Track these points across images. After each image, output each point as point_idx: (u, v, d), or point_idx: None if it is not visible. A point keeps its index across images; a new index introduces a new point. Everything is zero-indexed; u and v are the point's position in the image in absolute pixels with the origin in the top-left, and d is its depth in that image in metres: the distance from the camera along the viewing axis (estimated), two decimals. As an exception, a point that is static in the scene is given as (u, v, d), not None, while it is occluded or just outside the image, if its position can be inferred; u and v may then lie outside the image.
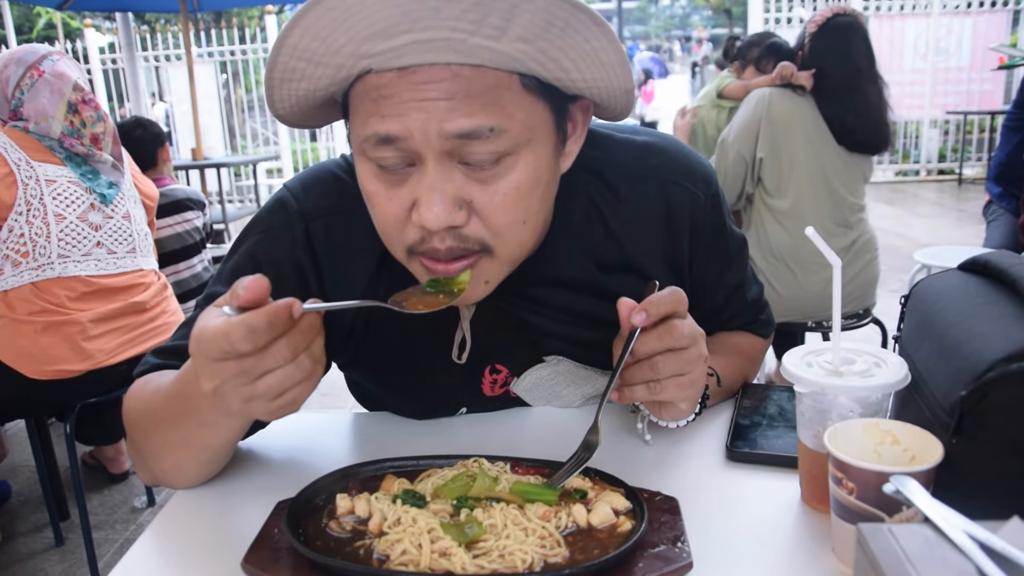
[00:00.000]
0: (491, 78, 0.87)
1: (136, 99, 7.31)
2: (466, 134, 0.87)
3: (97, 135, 2.58)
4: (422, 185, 0.90)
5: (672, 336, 0.93)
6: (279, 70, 0.90)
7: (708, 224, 1.17)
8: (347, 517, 0.86)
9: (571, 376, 1.19)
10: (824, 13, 2.91)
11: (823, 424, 0.85)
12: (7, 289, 2.41)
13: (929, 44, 10.13)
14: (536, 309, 1.14)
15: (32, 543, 2.95)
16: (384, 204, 0.94)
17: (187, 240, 3.48)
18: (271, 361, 0.78)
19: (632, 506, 0.86)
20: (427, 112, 0.86)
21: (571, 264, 1.12)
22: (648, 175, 1.14)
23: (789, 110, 2.91)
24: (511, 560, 0.77)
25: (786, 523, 0.89)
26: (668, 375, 0.93)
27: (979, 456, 0.77)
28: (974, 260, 0.97)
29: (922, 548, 0.59)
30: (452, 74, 0.86)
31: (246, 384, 0.79)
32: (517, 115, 0.90)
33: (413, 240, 0.94)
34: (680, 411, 0.99)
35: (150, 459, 1.05)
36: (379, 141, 0.89)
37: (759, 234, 3.00)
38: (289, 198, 1.13)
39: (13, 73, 2.49)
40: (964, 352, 0.80)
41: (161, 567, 0.87)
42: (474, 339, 1.13)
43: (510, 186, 0.92)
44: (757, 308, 1.32)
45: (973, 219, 7.83)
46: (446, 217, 0.89)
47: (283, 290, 1.09)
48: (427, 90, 0.86)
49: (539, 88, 0.92)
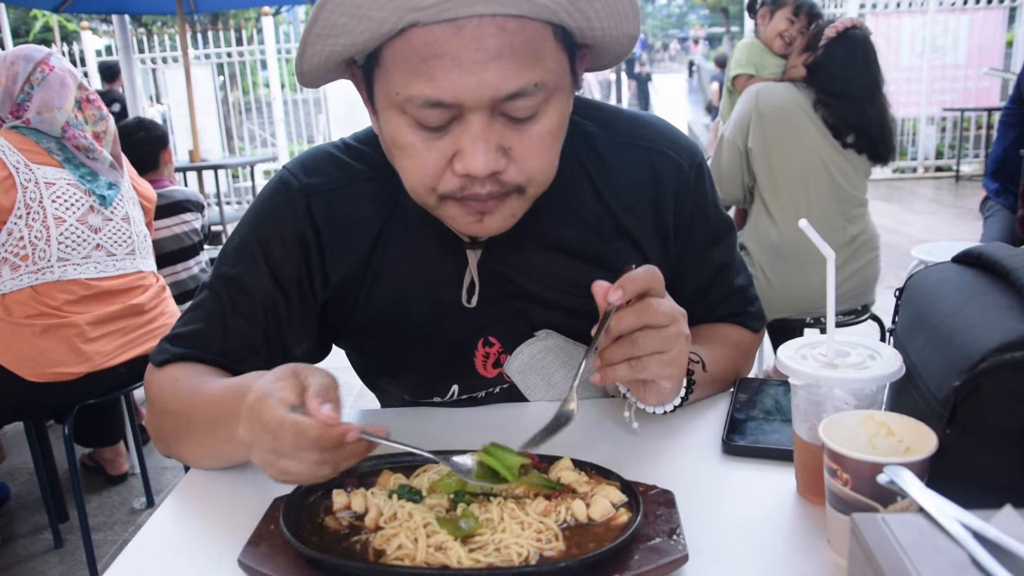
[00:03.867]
0: (531, 30, 0.91)
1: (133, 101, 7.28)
2: (516, 93, 0.91)
3: (98, 133, 2.59)
4: (466, 136, 0.94)
5: (649, 313, 0.94)
6: (320, 25, 0.90)
7: (691, 194, 1.20)
8: (343, 512, 0.86)
9: (562, 355, 1.20)
10: (844, 22, 2.94)
11: (818, 416, 0.85)
12: (5, 293, 2.40)
13: (926, 41, 10.14)
14: (526, 272, 1.16)
15: (31, 545, 2.95)
16: (422, 155, 0.97)
17: (185, 242, 3.48)
18: (298, 461, 0.82)
19: (628, 499, 0.86)
20: (478, 76, 0.89)
21: (561, 227, 1.15)
22: (635, 144, 1.18)
23: (779, 103, 2.93)
24: (507, 554, 0.77)
25: (782, 515, 0.89)
26: (648, 351, 0.94)
27: (973, 446, 0.77)
28: (968, 252, 0.97)
29: (916, 537, 0.59)
30: (498, 28, 0.88)
31: (272, 458, 0.84)
32: (552, 66, 0.95)
33: (452, 188, 0.99)
34: (664, 392, 0.99)
35: (173, 443, 1.11)
36: (426, 103, 0.92)
37: (757, 229, 3.01)
38: (289, 177, 1.17)
39: (22, 69, 2.47)
40: (958, 343, 0.80)
41: (159, 563, 0.87)
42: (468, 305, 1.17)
43: (544, 131, 0.97)
44: (746, 299, 1.32)
45: (970, 215, 7.84)
46: (492, 164, 0.94)
47: (288, 264, 1.15)
48: (477, 49, 0.88)
49: (564, 38, 0.96)
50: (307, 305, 1.17)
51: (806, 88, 2.94)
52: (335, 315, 1.19)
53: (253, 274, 1.14)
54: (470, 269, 1.15)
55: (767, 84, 3.05)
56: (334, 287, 1.17)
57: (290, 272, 1.15)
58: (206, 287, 1.17)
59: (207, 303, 1.16)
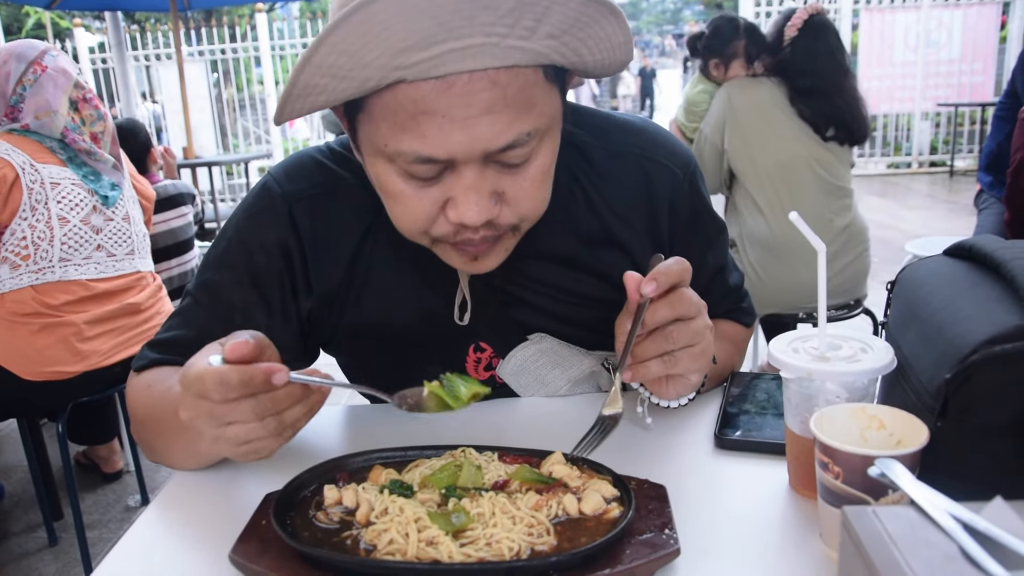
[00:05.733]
0: (522, 77, 0.88)
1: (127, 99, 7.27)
2: (509, 145, 0.90)
3: (96, 134, 2.55)
4: (459, 186, 0.92)
5: (683, 304, 0.94)
6: (300, 86, 0.86)
7: (687, 203, 1.19)
8: (335, 508, 0.86)
9: (555, 357, 1.20)
10: (800, 15, 2.92)
11: (810, 410, 0.85)
12: (4, 292, 2.38)
13: (919, 37, 10.16)
14: (518, 281, 1.16)
15: (26, 543, 2.94)
16: (413, 203, 0.95)
17: (179, 236, 3.48)
18: (237, 415, 0.83)
19: (620, 494, 0.86)
20: (470, 132, 0.87)
21: (554, 237, 1.14)
22: (628, 152, 1.17)
23: (752, 100, 2.95)
24: (498, 548, 0.76)
25: (774, 509, 0.89)
26: (681, 345, 0.94)
27: (964, 438, 0.77)
28: (959, 245, 0.97)
29: (906, 530, 0.59)
30: (489, 82, 0.86)
31: (216, 427, 0.85)
32: (544, 109, 0.92)
33: (444, 232, 0.97)
34: (688, 385, 1.00)
35: (153, 448, 1.12)
36: (416, 160, 0.90)
37: (742, 226, 3.01)
38: (272, 183, 1.16)
39: (14, 69, 2.42)
40: (949, 336, 0.80)
41: (150, 559, 0.86)
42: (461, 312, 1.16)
43: (537, 172, 0.96)
44: (738, 296, 1.34)
45: (965, 210, 7.86)
46: (486, 213, 0.93)
47: (270, 272, 1.13)
48: (467, 105, 0.86)
49: (554, 74, 0.94)
50: (289, 312, 1.15)
51: (780, 84, 2.94)
52: (320, 322, 1.18)
53: (234, 281, 1.13)
54: (462, 287, 1.14)
55: (739, 81, 3.06)
56: (318, 294, 1.15)
57: (271, 279, 1.13)
58: (188, 294, 1.17)
59: (188, 310, 1.16)
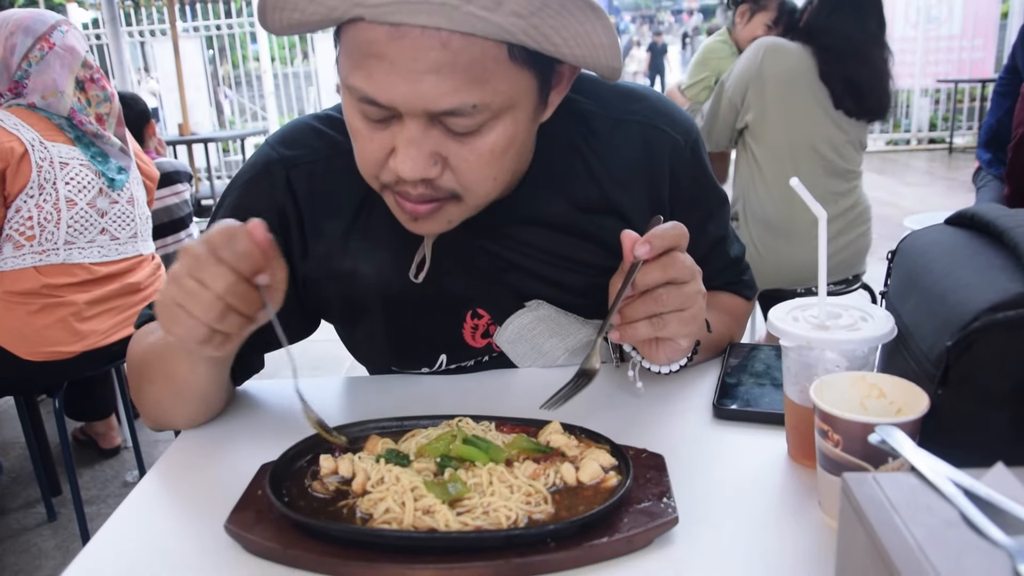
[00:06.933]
0: (479, 48, 0.87)
1: (121, 75, 7.19)
2: (450, 111, 0.89)
3: (102, 115, 2.51)
4: (401, 137, 0.92)
5: (675, 267, 0.94)
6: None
7: (688, 171, 1.19)
8: (331, 477, 0.85)
9: (552, 325, 1.20)
10: None
11: (809, 379, 0.85)
12: (5, 271, 2.35)
13: (920, 12, 10.09)
14: (514, 247, 1.15)
15: (24, 519, 2.95)
16: (365, 143, 0.97)
17: (176, 213, 3.47)
18: (205, 273, 0.86)
19: (618, 463, 0.86)
20: (412, 86, 0.87)
21: (549, 204, 1.14)
22: (630, 119, 1.16)
23: (786, 67, 2.83)
24: (495, 517, 0.76)
25: (772, 478, 0.89)
26: (671, 309, 0.94)
27: (965, 406, 0.76)
28: (961, 213, 0.96)
29: (907, 496, 0.59)
30: (441, 43, 0.85)
31: (177, 287, 0.87)
32: (500, 87, 0.90)
33: (388, 180, 0.98)
34: (679, 350, 1.00)
35: (138, 396, 1.13)
36: (362, 98, 0.91)
37: (747, 200, 2.98)
38: (269, 150, 1.16)
39: (20, 43, 2.35)
40: (950, 303, 0.79)
41: (147, 529, 0.86)
42: (454, 280, 1.16)
43: (485, 147, 0.94)
44: (739, 268, 1.33)
45: (963, 187, 7.84)
46: (421, 171, 0.93)
47: None
48: (413, 59, 0.86)
49: (526, 57, 0.91)
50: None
51: (811, 54, 2.80)
52: (317, 286, 1.18)
53: None
54: (423, 245, 1.14)
55: (777, 42, 2.87)
56: (313, 259, 1.15)
57: None
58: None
59: None
